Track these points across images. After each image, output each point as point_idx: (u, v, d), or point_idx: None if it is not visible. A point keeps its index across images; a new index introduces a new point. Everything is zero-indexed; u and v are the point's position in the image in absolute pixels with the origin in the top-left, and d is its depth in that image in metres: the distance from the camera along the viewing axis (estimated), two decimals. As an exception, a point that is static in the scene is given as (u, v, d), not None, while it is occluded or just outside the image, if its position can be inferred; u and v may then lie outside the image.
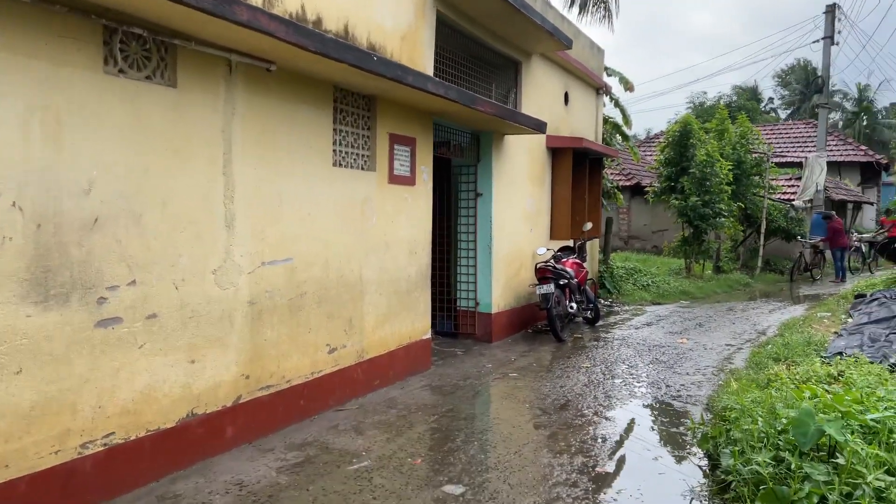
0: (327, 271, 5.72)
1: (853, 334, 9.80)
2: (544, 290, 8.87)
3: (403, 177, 6.77)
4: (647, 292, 13.37)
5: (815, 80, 53.90)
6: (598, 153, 11.03)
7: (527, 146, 9.64)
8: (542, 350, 8.58)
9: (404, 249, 6.85)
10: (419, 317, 7.17)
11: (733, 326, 10.41)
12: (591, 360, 7.97)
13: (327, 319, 5.75)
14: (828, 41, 19.49)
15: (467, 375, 7.19)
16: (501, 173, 8.96)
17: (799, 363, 7.33)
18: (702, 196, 15.33)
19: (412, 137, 6.88)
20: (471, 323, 8.94)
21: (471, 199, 8.86)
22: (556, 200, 10.48)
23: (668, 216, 18.85)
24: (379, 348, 6.49)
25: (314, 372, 5.61)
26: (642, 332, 9.80)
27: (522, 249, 9.69)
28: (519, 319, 9.63)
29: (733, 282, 15.84)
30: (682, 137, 15.82)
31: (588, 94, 12.09)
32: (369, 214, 6.26)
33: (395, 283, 6.72)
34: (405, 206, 6.83)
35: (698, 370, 7.57)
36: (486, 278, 8.84)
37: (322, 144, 5.64)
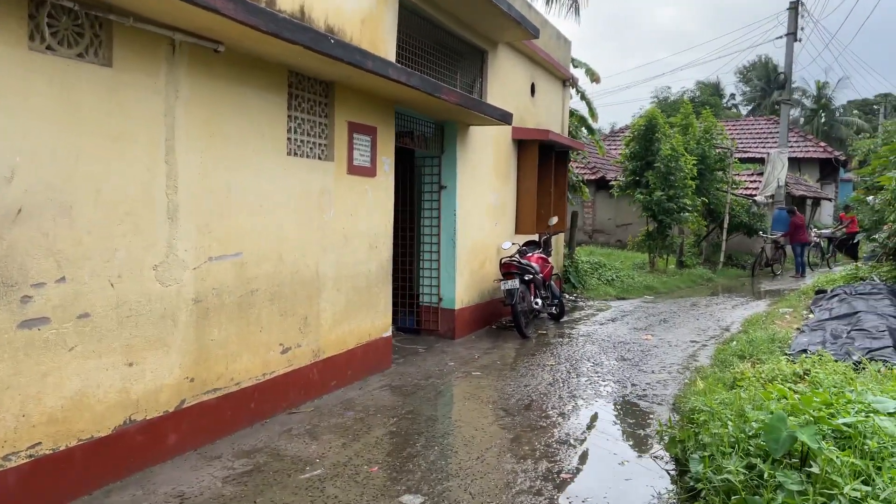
0: (281, 267, 5.41)
1: (815, 330, 9.83)
2: (509, 285, 8.67)
3: (363, 167, 6.48)
4: (612, 287, 13.30)
5: (776, 77, 54.83)
6: (564, 146, 10.87)
7: (492, 138, 9.42)
8: (506, 347, 8.38)
9: (364, 243, 6.57)
10: (379, 314, 6.90)
11: (697, 322, 10.36)
12: (556, 358, 7.80)
13: (280, 318, 5.44)
14: (791, 38, 19.67)
15: (429, 374, 6.95)
16: (466, 165, 8.71)
17: (764, 361, 7.27)
18: (666, 191, 15.32)
19: (373, 126, 6.59)
20: (434, 319, 8.70)
21: (434, 192, 8.61)
22: (521, 194, 10.28)
23: (633, 211, 18.87)
24: (336, 347, 6.21)
25: (266, 373, 5.31)
26: (607, 329, 9.68)
27: (487, 244, 9.47)
28: (483, 315, 9.42)
29: (696, 277, 15.90)
30: (648, 131, 15.78)
31: (554, 86, 11.91)
32: (327, 207, 5.97)
33: (354, 278, 6.44)
34: (365, 198, 6.55)
35: (664, 368, 7.45)
36: (449, 273, 8.60)
37: (276, 132, 5.32)
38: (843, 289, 12.77)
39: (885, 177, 14.01)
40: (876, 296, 11.64)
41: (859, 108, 59.47)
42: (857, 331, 9.13)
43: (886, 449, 3.63)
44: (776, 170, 19.48)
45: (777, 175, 19.53)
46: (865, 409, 4.37)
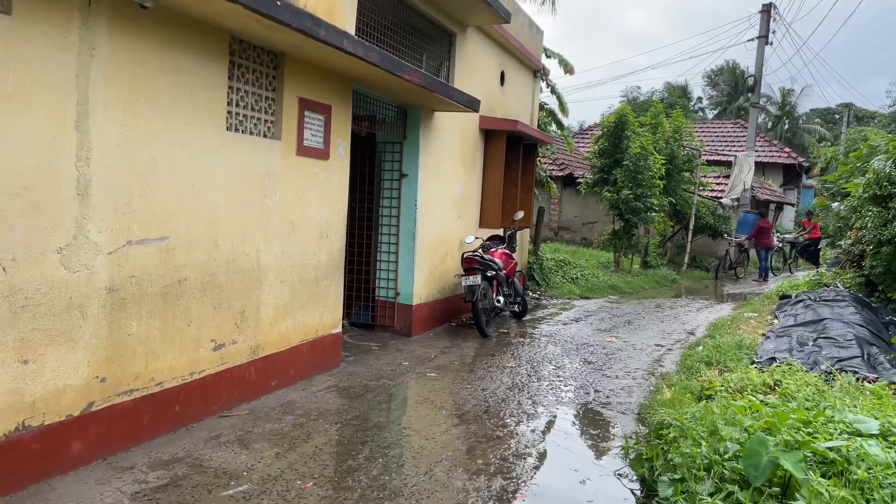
0: (215, 254, 4.87)
1: (781, 337, 9.61)
2: (470, 281, 8.23)
3: (315, 149, 5.95)
4: (576, 286, 12.97)
5: (744, 81, 55.38)
6: (533, 138, 10.45)
7: (458, 126, 8.95)
8: (464, 346, 7.94)
9: (313, 232, 6.05)
10: (329, 308, 6.39)
11: (662, 325, 10.06)
12: (517, 359, 7.38)
13: (214, 311, 4.90)
14: (762, 40, 19.60)
15: (381, 374, 6.46)
16: (430, 153, 8.23)
17: (732, 369, 6.97)
18: (634, 189, 15.06)
19: (327, 105, 6.06)
20: (390, 315, 8.21)
21: (395, 181, 8.10)
22: (487, 186, 9.84)
23: (600, 209, 18.62)
24: (278, 344, 5.68)
25: (194, 372, 4.76)
26: (570, 329, 9.31)
27: (449, 237, 9.01)
28: (442, 312, 8.96)
29: (661, 277, 15.69)
30: (618, 129, 15.47)
31: (525, 76, 11.49)
32: (272, 190, 5.43)
33: (301, 269, 5.92)
34: (316, 182, 6.02)
35: (628, 373, 7.09)
36: (408, 267, 8.12)
37: (213, 104, 4.76)
38: (808, 295, 12.65)
39: (851, 183, 13.94)
40: (840, 303, 11.50)
41: (821, 117, 60.50)
42: (824, 339, 8.92)
43: (876, 479, 3.27)
44: (743, 172, 19.41)
45: (743, 178, 19.46)
46: (847, 430, 4.04)
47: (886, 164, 12.13)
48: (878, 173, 12.11)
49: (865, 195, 12.41)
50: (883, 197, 12.11)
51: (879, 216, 11.71)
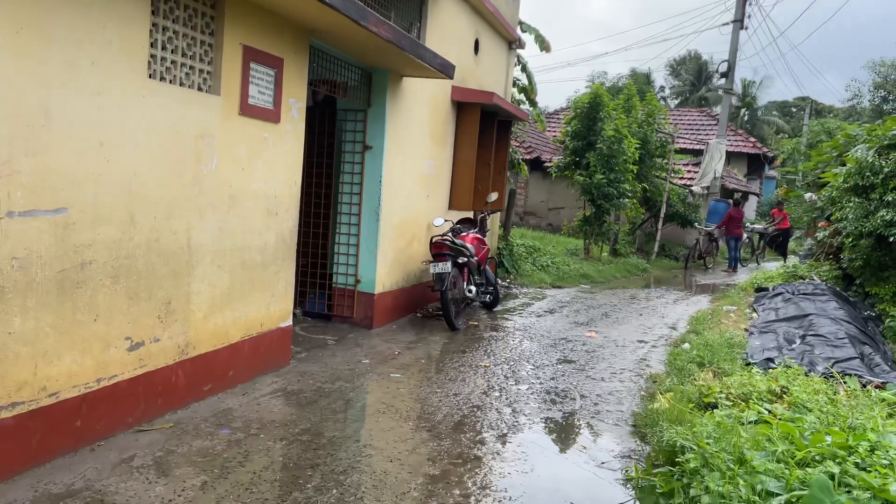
0: (132, 232, 3.92)
1: (765, 333, 9.04)
2: (439, 268, 7.39)
3: (263, 109, 5.01)
4: (547, 274, 12.25)
5: (706, 71, 55.40)
6: (509, 114, 9.62)
7: (429, 96, 8.05)
8: (432, 341, 7.12)
9: (260, 208, 5.12)
10: (277, 298, 5.47)
11: (641, 319, 9.40)
12: (491, 357, 6.59)
13: (129, 302, 3.96)
14: (737, 24, 19.08)
15: (337, 375, 5.60)
16: (397, 124, 7.33)
17: (727, 371, 6.31)
18: (607, 174, 14.39)
19: (278, 57, 5.11)
20: (349, 304, 7.31)
21: (357, 153, 7.18)
22: (458, 164, 8.98)
23: (570, 193, 17.97)
24: (214, 340, 4.76)
25: (103, 378, 3.83)
26: (546, 322, 8.56)
27: (417, 219, 8.14)
28: (407, 301, 8.11)
29: (631, 266, 15.11)
30: (592, 110, 14.75)
31: (500, 47, 10.63)
32: (208, 155, 4.48)
33: (244, 252, 4.99)
34: (264, 148, 5.08)
35: (614, 374, 6.37)
36: (370, 251, 7.23)
37: (131, 43, 3.79)
38: (785, 287, 12.18)
39: (829, 173, 13.51)
40: (821, 297, 11.03)
41: (779, 109, 61.20)
42: (813, 336, 8.36)
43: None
44: (714, 160, 18.94)
45: (714, 166, 19.00)
46: (904, 461, 3.34)
47: (869, 154, 11.66)
48: (860, 163, 11.64)
49: (846, 185, 11.94)
50: (864, 187, 11.65)
51: (861, 207, 11.25)
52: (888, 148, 11.42)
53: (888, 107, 45.56)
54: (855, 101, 50.72)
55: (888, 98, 46.04)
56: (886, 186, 10.81)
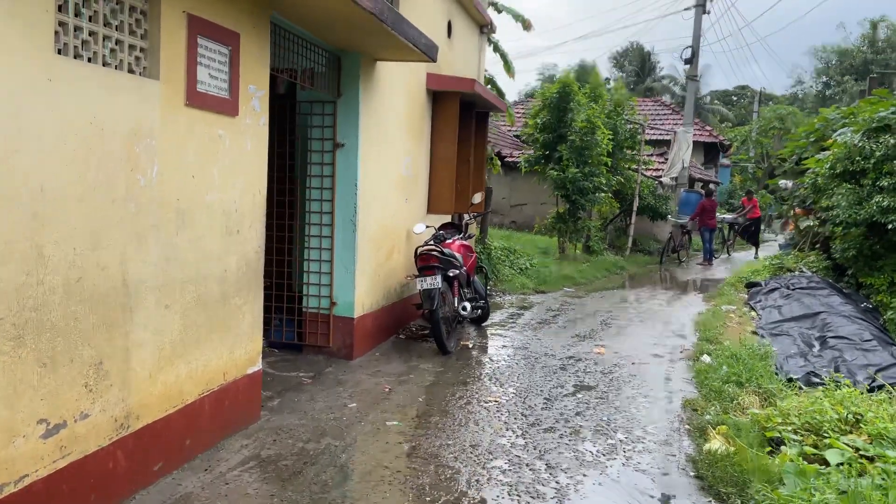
0: (41, 273, 2.76)
1: (779, 336, 8.29)
2: (428, 284, 6.36)
3: (216, 98, 3.88)
4: (528, 277, 11.33)
5: (648, 63, 55.60)
6: (488, 104, 8.63)
7: (404, 84, 7.00)
8: (424, 370, 6.07)
9: (217, 226, 3.99)
10: (243, 338, 4.35)
11: (644, 326, 8.56)
12: (498, 388, 5.60)
13: (42, 371, 2.80)
14: (699, 9, 18.58)
15: (321, 429, 4.51)
16: (372, 117, 6.25)
17: (771, 391, 5.48)
18: (581, 168, 13.57)
19: (233, 32, 3.99)
20: (323, 331, 6.20)
21: (327, 153, 6.08)
22: (436, 162, 7.95)
23: (535, 189, 17.15)
24: (165, 404, 3.62)
25: (5, 484, 2.67)
26: (544, 337, 7.61)
27: (396, 227, 7.08)
28: (388, 322, 7.04)
29: (609, 264, 14.33)
30: (561, 100, 13.89)
31: (472, 31, 9.63)
32: (145, 161, 3.34)
33: (199, 284, 3.86)
34: (219, 149, 3.95)
35: (643, 401, 5.46)
36: (347, 267, 6.14)
37: (30, 9, 2.64)
38: (779, 282, 11.56)
39: (812, 159, 12.98)
40: (820, 291, 10.41)
41: (720, 98, 62.16)
42: (835, 338, 7.64)
43: None
44: (682, 150, 18.38)
45: (682, 155, 18.45)
46: None
47: (856, 137, 11.09)
48: (848, 147, 11.06)
49: (834, 171, 11.37)
50: (853, 173, 11.09)
51: (853, 193, 10.64)
52: (877, 131, 10.86)
53: (830, 92, 46.55)
54: (798, 87, 51.74)
55: (829, 84, 47.04)
56: (880, 171, 10.23)
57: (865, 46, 44.87)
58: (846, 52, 45.52)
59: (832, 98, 45.47)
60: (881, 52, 43.56)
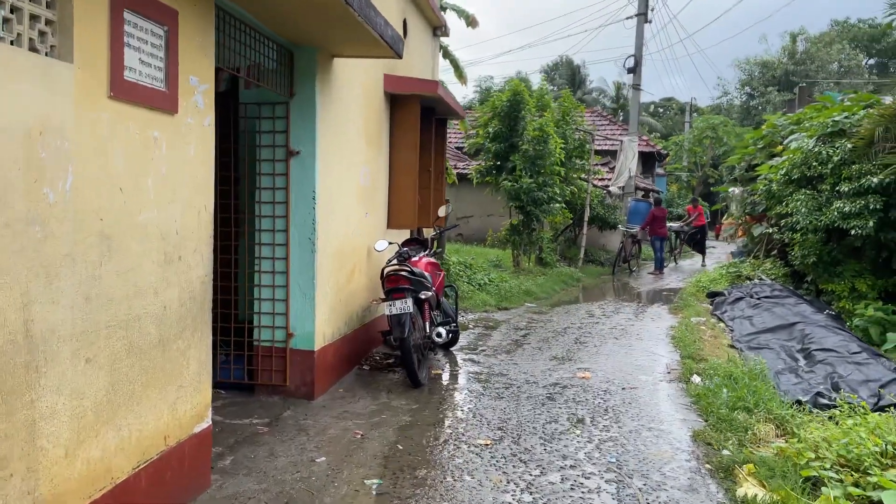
0: None
1: (758, 349, 7.90)
2: (398, 308, 5.62)
3: (150, 90, 3.06)
4: (488, 294, 10.70)
5: (578, 76, 56.40)
6: (449, 109, 7.97)
7: (360, 85, 6.26)
8: (398, 408, 5.31)
9: (153, 251, 3.15)
10: (188, 390, 3.51)
11: (619, 344, 8.03)
12: (487, 428, 4.89)
13: None
14: (641, 18, 18.55)
15: (287, 495, 3.70)
16: (330, 121, 5.49)
17: (785, 418, 4.98)
18: (536, 178, 13.09)
19: (170, 9, 3.18)
20: (279, 367, 5.36)
21: (279, 161, 5.27)
22: (396, 172, 7.22)
23: (483, 200, 16.64)
24: (88, 487, 2.76)
25: None
26: (520, 361, 6.95)
27: (357, 244, 6.31)
28: (350, 351, 6.25)
29: (565, 277, 13.88)
30: (512, 108, 13.40)
31: (426, 33, 8.98)
32: (55, 168, 2.50)
33: (131, 328, 3.01)
34: (155, 155, 3.13)
35: (651, 434, 4.86)
36: (306, 293, 5.32)
37: None
38: (740, 291, 11.31)
39: (765, 166, 12.88)
40: (786, 300, 10.17)
41: (646, 110, 63.77)
42: (820, 350, 7.27)
43: None
44: (628, 159, 18.24)
45: (629, 164, 18.31)
46: None
47: (811, 143, 10.98)
48: (805, 153, 10.93)
49: (792, 177, 11.21)
50: (810, 178, 10.97)
51: (813, 199, 10.48)
52: (832, 135, 10.77)
53: (754, 102, 48.20)
54: (724, 98, 53.42)
55: (754, 95, 48.72)
56: (839, 176, 10.09)
57: (786, 58, 46.66)
58: (768, 64, 47.24)
59: (756, 108, 47.11)
60: (801, 63, 45.36)
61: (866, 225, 9.21)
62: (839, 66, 45.75)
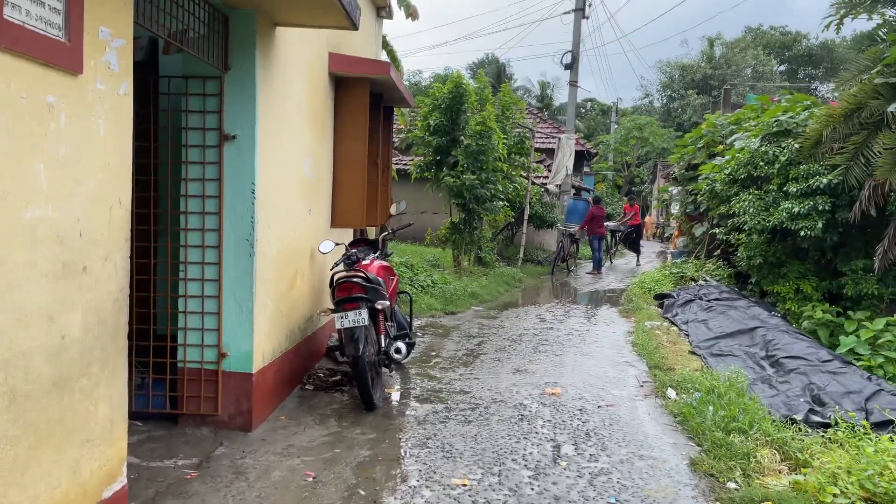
0: None
1: (721, 356, 7.54)
2: (352, 321, 4.86)
3: (41, 37, 2.20)
4: (433, 297, 10.00)
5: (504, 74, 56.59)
6: (399, 96, 7.21)
7: (305, 63, 5.43)
8: (353, 440, 4.53)
9: (44, 261, 2.29)
10: (96, 442, 2.65)
11: (580, 352, 7.50)
12: (462, 463, 4.20)
13: None
14: (579, 13, 18.28)
15: (229, 570, 2.89)
16: (272, 102, 4.65)
17: (784, 441, 4.54)
18: (478, 174, 12.50)
19: (72, -73, 2.32)
20: (209, 393, 4.49)
21: (211, 147, 4.39)
22: (342, 164, 6.41)
23: (425, 197, 15.91)
24: None
25: None
26: (480, 374, 6.29)
27: (300, 245, 5.48)
28: (292, 369, 5.42)
29: (507, 277, 13.35)
30: (455, 101, 12.74)
31: (370, 14, 8.18)
32: None
33: (13, 369, 2.15)
34: (49, 130, 2.27)
35: (644, 464, 4.29)
36: (242, 304, 4.47)
37: None
38: (688, 293, 11.05)
39: (708, 165, 12.74)
40: (737, 302, 9.95)
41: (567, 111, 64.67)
42: (790, 359, 6.97)
43: None
44: (566, 156, 17.94)
45: (566, 162, 18.02)
46: None
47: (757, 142, 10.85)
48: (751, 153, 10.78)
49: (738, 176, 11.04)
50: (756, 178, 10.84)
51: (760, 200, 10.32)
52: (777, 135, 10.65)
53: (674, 105, 49.48)
54: (646, 100, 54.64)
55: (674, 97, 50.01)
56: (785, 176, 9.97)
57: (704, 62, 48.08)
58: (687, 68, 48.55)
59: (676, 110, 48.37)
60: (718, 67, 46.84)
61: (815, 226, 9.08)
62: (753, 70, 47.56)
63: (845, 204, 9.01)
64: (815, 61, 49.07)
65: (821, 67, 48.99)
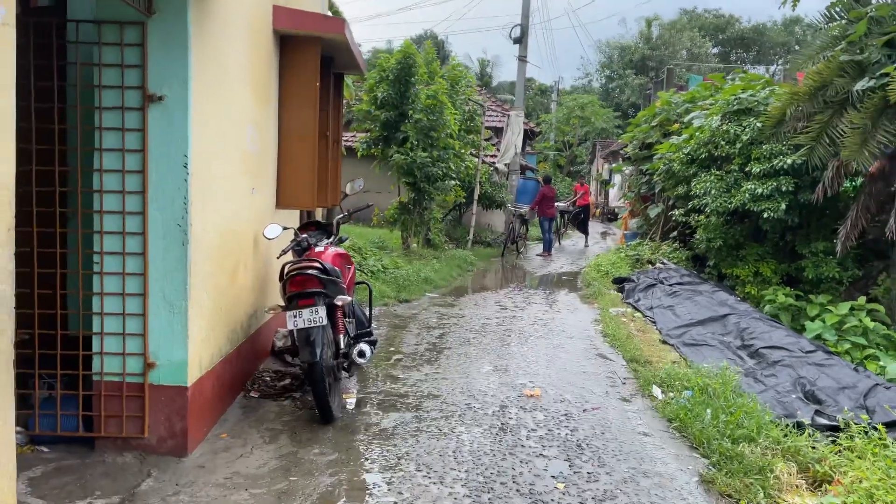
0: None
1: (695, 346, 7.15)
2: (307, 320, 4.13)
3: None
4: (384, 283, 9.27)
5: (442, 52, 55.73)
6: (352, 61, 6.39)
7: (245, 16, 4.58)
8: (310, 463, 3.81)
9: None
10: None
11: (549, 344, 6.96)
12: (445, 486, 3.55)
13: None
14: (529, -12, 17.63)
15: None
16: (207, 56, 3.81)
17: (797, 450, 4.09)
18: (429, 151, 11.78)
19: None
20: (133, 412, 3.67)
21: (132, 111, 3.54)
22: (288, 136, 5.58)
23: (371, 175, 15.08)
24: None
25: None
26: (448, 374, 5.64)
27: (242, 230, 4.67)
28: (234, 375, 4.63)
29: (459, 260, 12.72)
30: (403, 72, 11.95)
31: (316, -33, 7.29)
32: None
33: None
34: None
35: (649, 482, 3.76)
36: (174, 302, 3.66)
37: None
38: (649, 276, 10.68)
39: (665, 144, 12.37)
40: (699, 286, 9.61)
41: (508, 90, 64.57)
42: (769, 349, 6.64)
43: None
44: (514, 134, 17.36)
45: (515, 140, 17.45)
46: None
47: (717, 121, 10.50)
48: (711, 131, 10.43)
49: (701, 156, 10.67)
50: (715, 158, 10.52)
51: (722, 181, 9.99)
52: (738, 114, 10.32)
53: (613, 85, 49.71)
54: (586, 79, 54.71)
55: (613, 77, 50.23)
56: (747, 156, 9.66)
57: (642, 43, 48.38)
58: (626, 48, 48.77)
59: (615, 90, 48.59)
60: (655, 48, 47.19)
61: (778, 208, 8.83)
62: (688, 52, 48.15)
63: (808, 185, 8.77)
64: (746, 44, 50.11)
65: (752, 50, 50.11)
